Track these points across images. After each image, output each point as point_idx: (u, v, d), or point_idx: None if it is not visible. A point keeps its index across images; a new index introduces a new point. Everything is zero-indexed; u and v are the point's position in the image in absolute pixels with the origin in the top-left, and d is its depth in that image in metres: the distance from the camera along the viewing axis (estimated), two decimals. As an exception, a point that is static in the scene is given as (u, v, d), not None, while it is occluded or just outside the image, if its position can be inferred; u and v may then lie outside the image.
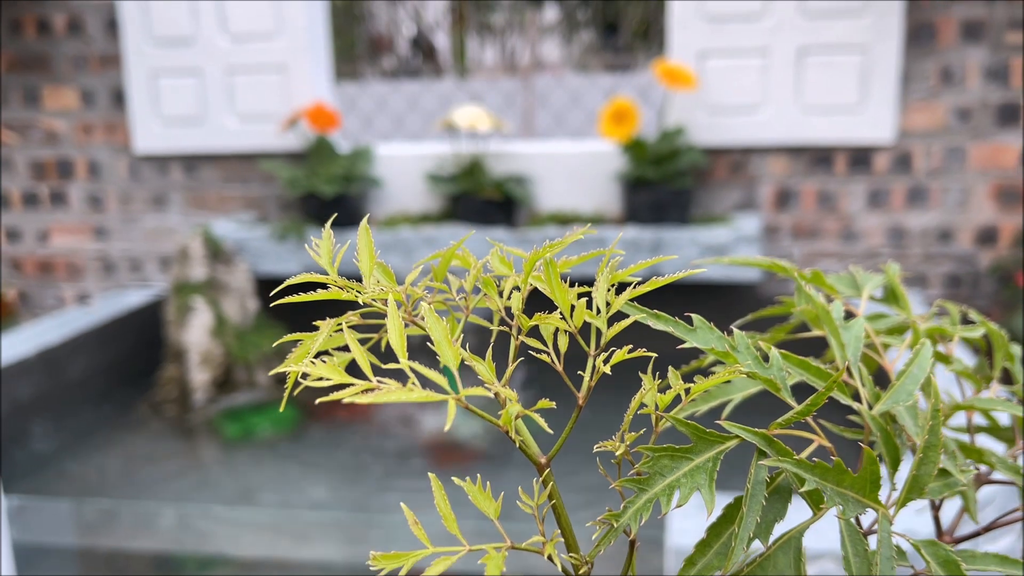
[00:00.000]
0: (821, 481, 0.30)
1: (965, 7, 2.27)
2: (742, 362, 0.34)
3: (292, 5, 2.50)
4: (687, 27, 2.38)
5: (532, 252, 0.33)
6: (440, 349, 0.30)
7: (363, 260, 0.35)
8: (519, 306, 0.33)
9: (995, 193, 2.37)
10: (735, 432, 0.31)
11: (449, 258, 0.35)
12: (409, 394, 0.27)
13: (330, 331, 0.33)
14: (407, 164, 2.58)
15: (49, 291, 2.88)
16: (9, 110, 2.76)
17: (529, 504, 0.30)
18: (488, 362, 0.30)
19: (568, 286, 0.34)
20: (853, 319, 0.41)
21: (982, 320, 0.50)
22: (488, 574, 0.26)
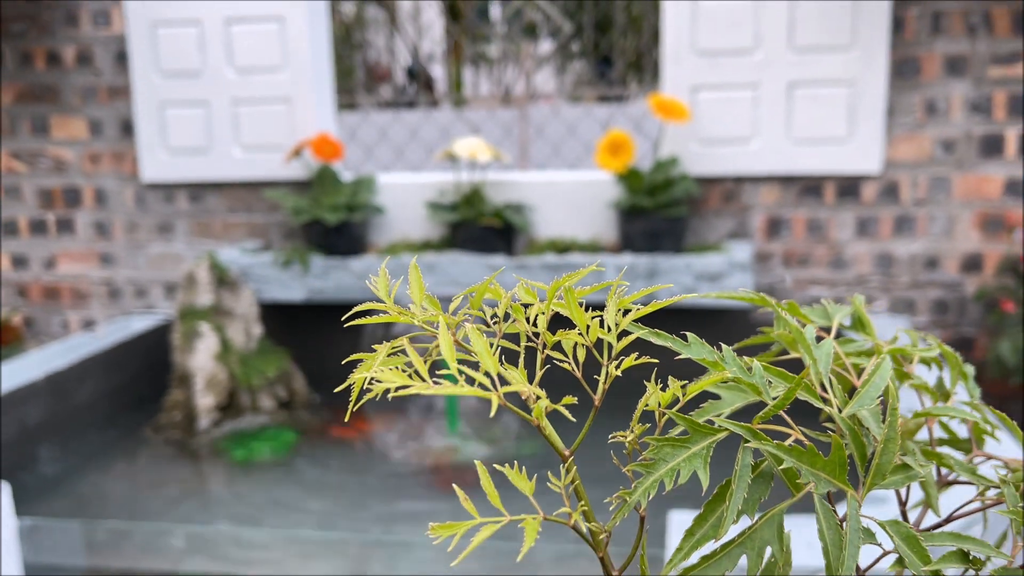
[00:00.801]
0: (797, 461, 0.36)
1: (948, 43, 2.36)
2: (729, 370, 0.40)
3: (297, 39, 2.58)
4: (680, 62, 2.46)
5: (553, 283, 0.40)
6: (482, 359, 0.35)
7: (414, 291, 0.41)
8: (544, 325, 0.39)
9: (979, 222, 2.44)
10: (725, 426, 0.37)
11: (484, 290, 0.41)
12: (461, 390, 0.33)
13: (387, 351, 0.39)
14: (408, 192, 2.65)
15: (55, 317, 2.93)
16: (18, 140, 2.82)
17: (557, 485, 0.36)
18: (521, 370, 0.36)
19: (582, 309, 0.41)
20: (823, 340, 0.47)
21: (938, 342, 0.56)
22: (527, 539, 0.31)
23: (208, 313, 2.43)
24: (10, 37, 2.77)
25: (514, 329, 0.42)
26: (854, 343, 0.53)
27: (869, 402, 0.42)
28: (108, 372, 2.50)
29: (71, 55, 2.74)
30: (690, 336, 0.40)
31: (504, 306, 0.40)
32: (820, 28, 2.36)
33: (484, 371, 0.35)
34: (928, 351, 0.53)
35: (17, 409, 2.19)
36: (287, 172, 2.66)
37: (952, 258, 2.47)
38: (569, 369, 0.39)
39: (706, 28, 2.43)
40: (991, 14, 2.32)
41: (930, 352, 0.53)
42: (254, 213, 2.74)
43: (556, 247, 2.52)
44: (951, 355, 0.54)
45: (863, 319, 0.55)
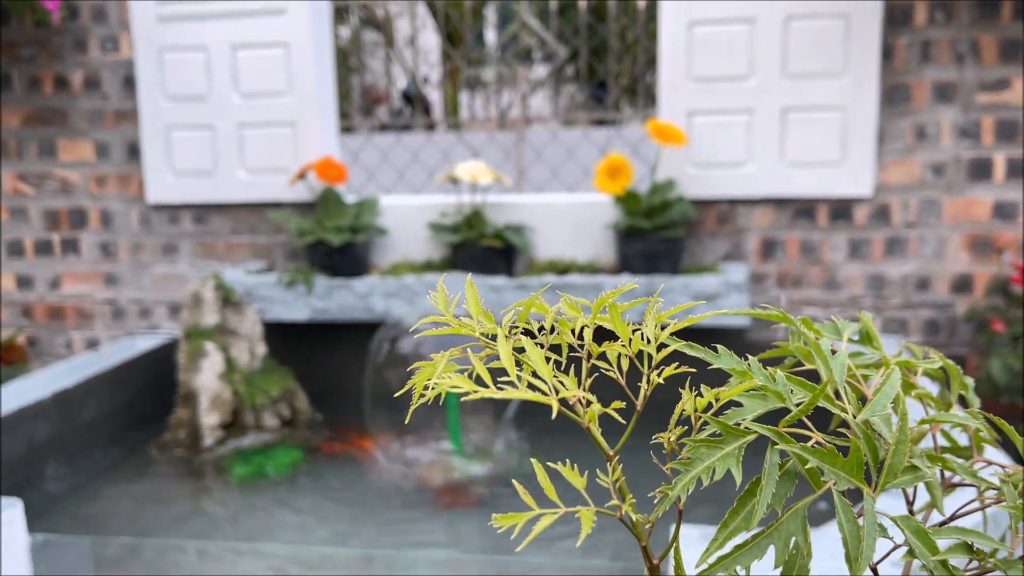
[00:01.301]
0: (820, 461, 0.40)
1: (937, 70, 2.43)
2: (757, 379, 0.44)
3: (302, 65, 2.64)
4: (677, 88, 2.52)
5: (598, 299, 0.44)
6: (538, 368, 0.40)
7: (471, 306, 0.46)
8: (589, 337, 0.44)
9: (969, 244, 2.50)
10: (754, 428, 0.42)
11: (530, 305, 0.46)
12: (523, 394, 0.37)
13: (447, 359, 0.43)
14: (410, 214, 2.70)
15: (59, 337, 2.95)
16: (25, 163, 2.86)
17: (606, 481, 0.40)
18: (571, 377, 0.40)
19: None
20: (837, 352, 0.52)
21: (940, 356, 0.61)
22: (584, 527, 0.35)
23: (213, 332, 2.46)
24: (19, 62, 2.81)
25: (558, 340, 0.46)
26: (863, 356, 0.58)
27: (881, 409, 0.46)
28: (113, 391, 2.53)
29: (79, 79, 2.79)
30: (720, 348, 0.45)
31: (550, 320, 0.45)
32: (812, 56, 2.43)
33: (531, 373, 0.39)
34: (931, 363, 0.57)
35: (25, 427, 2.22)
36: (291, 194, 2.71)
37: (943, 279, 2.53)
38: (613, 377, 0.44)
39: (702, 56, 2.49)
40: (978, 42, 2.39)
41: (933, 365, 0.57)
42: (258, 234, 2.78)
43: (556, 268, 2.57)
44: (952, 368, 0.59)
45: (871, 334, 0.60)
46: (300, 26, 2.62)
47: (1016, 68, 2.39)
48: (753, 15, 2.45)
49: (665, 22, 2.51)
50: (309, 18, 2.61)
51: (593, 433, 0.40)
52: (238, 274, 2.62)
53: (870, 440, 0.46)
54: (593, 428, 0.40)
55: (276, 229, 2.77)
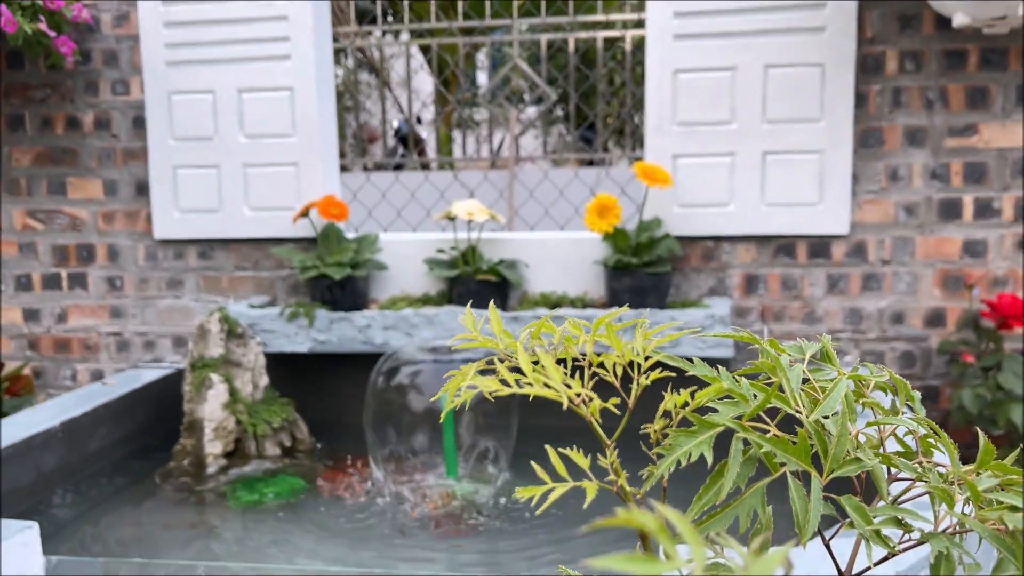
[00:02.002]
0: (773, 447, 0.51)
1: (908, 116, 2.57)
2: (724, 382, 0.55)
3: (306, 108, 2.76)
4: (662, 132, 2.66)
5: (596, 320, 0.55)
6: (550, 372, 0.50)
7: (495, 327, 0.56)
8: (591, 349, 0.54)
9: (941, 280, 2.63)
10: (722, 422, 0.52)
11: (541, 326, 0.56)
12: (543, 391, 0.48)
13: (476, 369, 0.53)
14: (408, 250, 2.81)
15: (64, 369, 3.03)
16: (35, 200, 2.96)
17: (605, 463, 0.50)
18: (576, 380, 0.51)
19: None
20: (795, 365, 0.63)
21: (889, 372, 0.72)
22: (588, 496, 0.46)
23: (218, 364, 2.55)
24: (32, 103, 2.93)
25: (564, 355, 0.57)
26: (823, 372, 0.68)
27: (829, 410, 0.57)
28: (119, 421, 2.61)
29: (90, 120, 2.90)
30: (695, 359, 0.56)
31: (558, 337, 0.56)
32: (790, 103, 2.57)
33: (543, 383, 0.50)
34: (880, 376, 0.68)
35: (35, 455, 2.29)
36: (293, 231, 2.82)
37: (917, 314, 2.65)
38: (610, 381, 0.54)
39: (686, 101, 2.63)
40: (946, 90, 2.54)
41: (882, 377, 0.68)
42: (260, 269, 2.89)
43: (548, 302, 2.68)
44: (900, 381, 0.69)
45: (829, 354, 0.70)
46: (305, 71, 2.74)
47: (982, 115, 2.53)
48: (734, 63, 2.59)
49: (651, 69, 2.65)
50: (313, 63, 2.74)
51: (594, 425, 0.51)
52: (242, 308, 2.71)
53: (820, 436, 0.56)
54: (594, 421, 0.50)
55: (278, 264, 2.88)
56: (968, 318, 2.61)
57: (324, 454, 2.68)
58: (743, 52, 2.58)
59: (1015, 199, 2.56)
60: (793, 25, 2.54)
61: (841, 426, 0.55)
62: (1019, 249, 2.58)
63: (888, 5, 2.53)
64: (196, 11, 2.78)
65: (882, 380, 0.70)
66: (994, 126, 2.53)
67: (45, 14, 2.55)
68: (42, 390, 3.01)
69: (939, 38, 2.52)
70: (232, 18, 2.76)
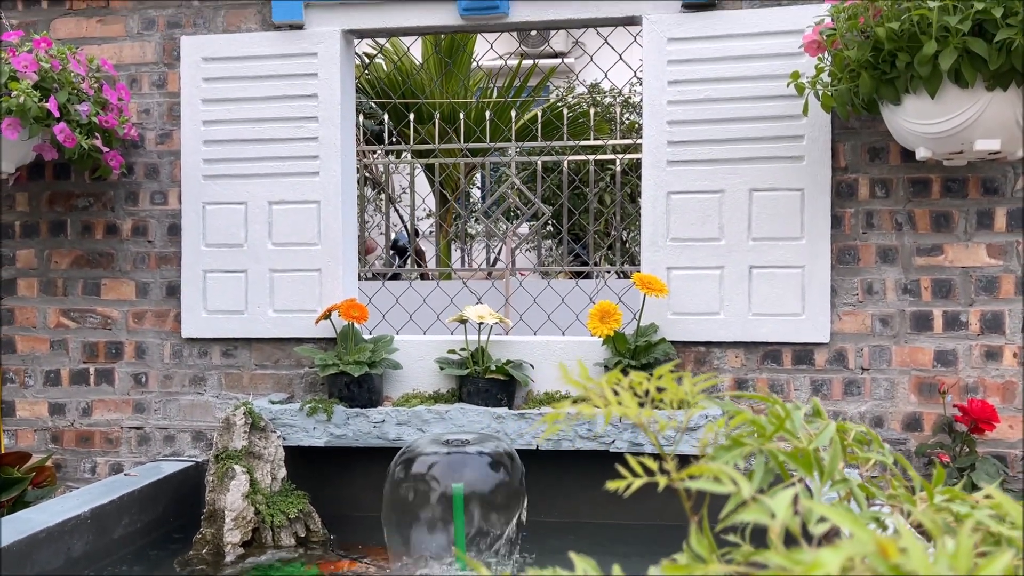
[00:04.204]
0: (787, 459, 0.70)
1: (880, 236, 2.84)
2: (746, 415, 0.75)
3: (331, 219, 3.00)
4: (657, 246, 2.91)
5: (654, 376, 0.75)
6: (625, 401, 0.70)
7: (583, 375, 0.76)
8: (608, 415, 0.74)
9: (916, 387, 2.84)
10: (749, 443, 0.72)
11: (614, 375, 0.76)
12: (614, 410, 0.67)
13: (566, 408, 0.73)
14: (420, 350, 3.00)
15: (85, 461, 3.16)
16: (69, 300, 3.16)
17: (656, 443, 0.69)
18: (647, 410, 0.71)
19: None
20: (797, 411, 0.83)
21: (866, 428, 0.92)
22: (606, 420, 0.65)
23: (241, 455, 2.69)
24: (75, 210, 3.16)
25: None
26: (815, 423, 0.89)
27: (824, 441, 0.77)
28: (143, 510, 2.73)
29: (128, 227, 3.13)
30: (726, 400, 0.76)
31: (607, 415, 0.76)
32: (773, 223, 2.84)
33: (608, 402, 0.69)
34: (859, 426, 0.88)
35: (66, 540, 2.40)
36: (313, 331, 3.01)
37: (895, 418, 2.85)
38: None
39: (678, 220, 2.89)
40: (913, 214, 2.82)
41: (859, 428, 0.88)
42: (280, 368, 3.06)
43: (551, 401, 2.87)
44: (872, 433, 0.89)
45: (819, 411, 0.91)
46: (331, 186, 3.00)
47: (946, 236, 2.81)
48: (722, 187, 2.87)
49: (647, 190, 2.92)
50: (340, 179, 3.01)
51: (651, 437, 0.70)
52: (263, 403, 2.88)
53: (819, 460, 0.76)
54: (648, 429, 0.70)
55: (297, 363, 3.06)
56: (943, 422, 2.81)
57: (337, 545, 2.79)
58: (730, 177, 2.87)
59: (980, 313, 2.80)
60: (775, 154, 2.84)
61: (833, 450, 0.74)
62: (986, 359, 2.80)
63: (859, 139, 2.84)
64: (234, 131, 3.05)
65: (860, 430, 0.90)
66: (958, 247, 2.80)
67: (100, 131, 2.81)
68: (61, 483, 3.12)
69: (905, 168, 2.82)
70: (267, 138, 3.03)
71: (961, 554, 0.40)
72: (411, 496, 2.51)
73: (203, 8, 3.10)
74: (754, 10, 2.85)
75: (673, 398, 0.74)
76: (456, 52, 7.56)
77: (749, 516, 0.55)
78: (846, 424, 0.88)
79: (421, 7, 3.01)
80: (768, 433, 0.73)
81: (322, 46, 3.02)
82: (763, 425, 0.74)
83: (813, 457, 0.74)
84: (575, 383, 0.77)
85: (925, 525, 0.68)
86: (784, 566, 0.45)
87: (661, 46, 2.89)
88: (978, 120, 2.34)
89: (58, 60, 2.72)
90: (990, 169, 2.78)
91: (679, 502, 0.79)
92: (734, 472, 0.50)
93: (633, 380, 0.76)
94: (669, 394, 0.74)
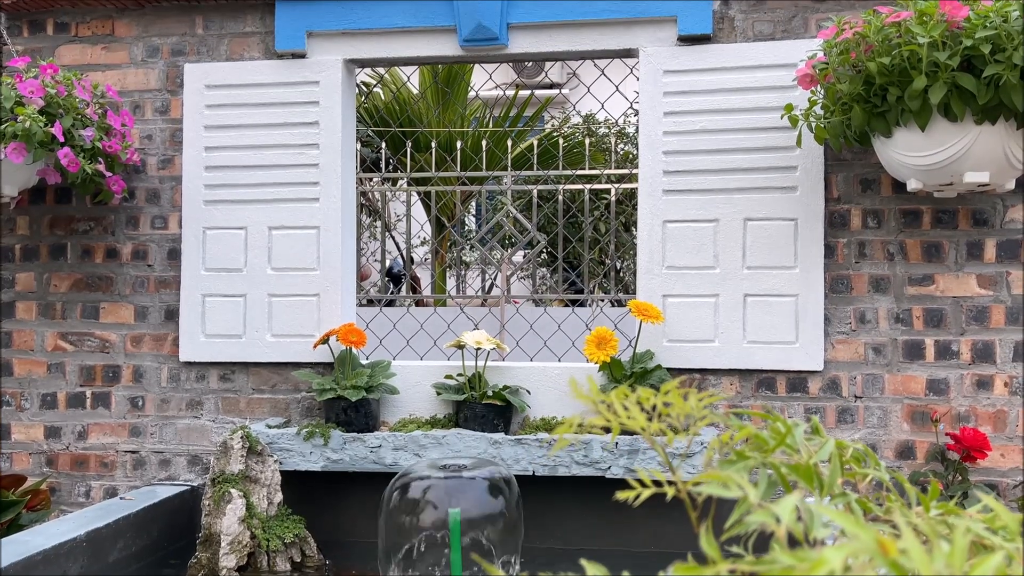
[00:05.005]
0: (789, 472, 0.73)
1: (872, 266, 2.88)
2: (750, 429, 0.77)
3: (330, 245, 3.03)
4: (652, 274, 2.95)
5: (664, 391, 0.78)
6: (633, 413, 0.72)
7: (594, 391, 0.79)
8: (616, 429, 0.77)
9: (909, 415, 2.87)
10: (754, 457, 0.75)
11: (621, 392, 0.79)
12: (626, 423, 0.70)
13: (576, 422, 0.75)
14: (417, 375, 3.02)
15: (79, 485, 3.15)
16: (68, 323, 3.17)
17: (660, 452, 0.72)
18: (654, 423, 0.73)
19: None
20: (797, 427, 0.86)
21: (863, 445, 0.95)
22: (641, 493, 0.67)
23: (238, 479, 2.70)
24: (75, 234, 3.18)
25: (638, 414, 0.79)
26: (814, 440, 0.91)
27: (823, 456, 0.79)
28: (137, 534, 2.72)
29: (127, 251, 3.15)
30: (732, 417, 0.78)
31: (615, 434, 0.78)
32: (768, 252, 2.88)
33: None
34: (857, 444, 0.91)
35: (62, 563, 2.40)
36: (310, 355, 3.03)
37: (889, 446, 2.87)
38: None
39: (674, 249, 2.93)
40: (905, 244, 2.87)
41: (857, 445, 0.91)
42: (277, 392, 3.08)
43: (547, 426, 2.88)
44: (868, 450, 0.92)
45: (818, 429, 0.93)
46: (332, 212, 3.04)
47: (937, 267, 2.85)
48: (717, 216, 2.91)
49: (643, 219, 2.96)
50: (340, 205, 3.04)
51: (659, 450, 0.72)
52: (260, 427, 2.89)
53: (818, 472, 0.78)
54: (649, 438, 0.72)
55: (294, 388, 3.07)
56: (936, 451, 2.83)
57: (331, 570, 2.79)
58: (725, 206, 2.91)
59: (971, 342, 2.84)
60: (769, 185, 2.89)
61: (832, 464, 0.77)
62: (978, 388, 2.83)
63: (851, 170, 2.89)
64: (235, 157, 3.09)
65: (858, 447, 0.93)
66: (948, 277, 2.85)
67: (103, 156, 2.84)
68: (56, 506, 3.11)
69: (896, 199, 2.87)
70: (268, 164, 3.07)
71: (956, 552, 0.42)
72: (407, 521, 2.51)
73: (207, 36, 3.15)
74: (748, 44, 2.91)
75: (680, 412, 0.77)
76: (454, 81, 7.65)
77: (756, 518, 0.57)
78: (843, 442, 0.91)
79: (422, 38, 3.07)
80: (770, 447, 0.75)
81: (324, 75, 3.07)
82: (765, 440, 0.77)
83: (814, 471, 0.77)
84: (585, 398, 0.79)
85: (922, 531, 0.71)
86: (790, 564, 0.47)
87: (657, 78, 2.94)
88: (967, 153, 2.40)
89: (64, 86, 2.75)
90: (979, 201, 2.83)
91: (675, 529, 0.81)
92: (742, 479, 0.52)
93: (641, 396, 0.78)
94: (675, 409, 0.77)
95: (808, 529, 0.66)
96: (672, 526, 2.81)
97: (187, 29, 3.16)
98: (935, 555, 0.42)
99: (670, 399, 0.76)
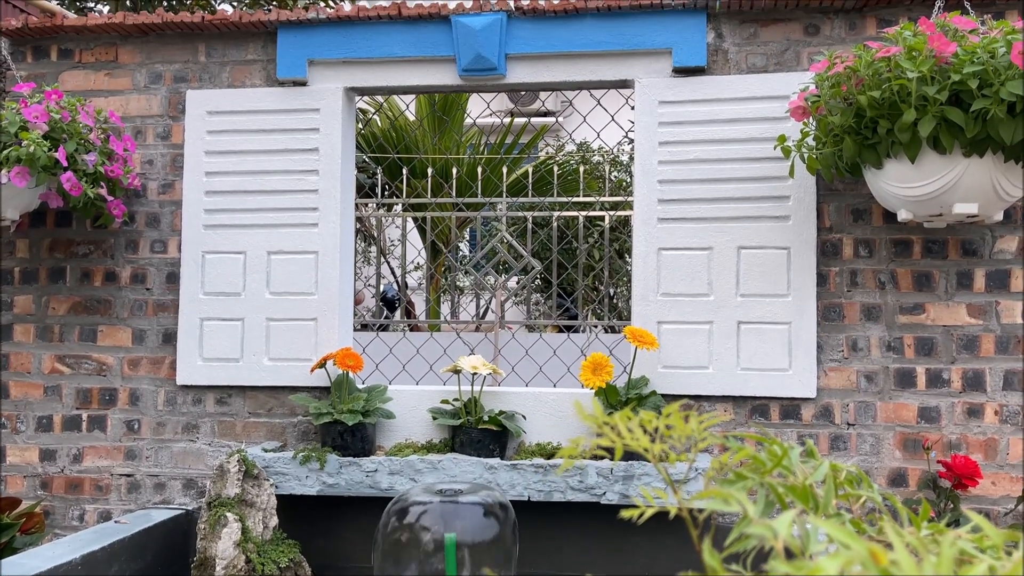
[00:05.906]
0: (786, 492, 0.76)
1: (864, 295, 2.92)
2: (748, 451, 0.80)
3: (328, 270, 3.06)
4: (647, 301, 2.98)
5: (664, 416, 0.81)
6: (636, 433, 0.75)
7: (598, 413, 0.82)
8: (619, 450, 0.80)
9: (901, 443, 2.89)
10: (753, 477, 0.77)
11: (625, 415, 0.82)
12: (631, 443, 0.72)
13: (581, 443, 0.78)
14: (413, 400, 3.04)
15: (73, 508, 3.15)
16: (65, 346, 3.18)
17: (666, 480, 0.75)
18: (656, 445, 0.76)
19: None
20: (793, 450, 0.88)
21: (856, 468, 0.98)
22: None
23: (234, 503, 2.70)
24: (75, 257, 3.20)
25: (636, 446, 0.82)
26: (809, 462, 0.94)
27: (819, 477, 0.82)
28: (132, 558, 2.72)
29: (126, 275, 3.18)
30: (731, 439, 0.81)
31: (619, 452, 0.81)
32: (761, 280, 2.92)
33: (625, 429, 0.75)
34: (851, 467, 0.94)
35: (57, 585, 2.40)
36: (307, 379, 3.04)
37: (882, 473, 2.90)
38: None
39: (668, 276, 2.97)
40: (896, 274, 2.91)
41: (851, 468, 0.94)
42: (273, 416, 3.09)
43: (543, 452, 2.90)
44: (861, 472, 0.95)
45: (813, 452, 0.96)
46: (330, 237, 3.07)
47: (928, 296, 2.89)
48: (711, 244, 2.96)
49: (638, 247, 3.00)
50: (338, 231, 3.07)
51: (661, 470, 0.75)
52: (256, 451, 2.90)
53: (814, 493, 0.81)
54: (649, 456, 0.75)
55: (290, 412, 3.08)
56: (927, 478, 2.86)
57: (327, 595, 2.79)
58: (719, 235, 2.95)
59: (962, 371, 2.87)
60: (762, 214, 2.93)
61: (827, 486, 0.80)
62: (969, 416, 2.87)
63: (843, 200, 2.94)
64: (235, 183, 3.12)
65: (852, 469, 0.95)
66: (939, 306, 2.89)
67: (105, 180, 2.87)
68: (50, 530, 3.11)
69: (887, 229, 2.92)
70: (268, 189, 3.11)
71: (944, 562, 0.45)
72: (403, 545, 2.52)
73: (209, 64, 3.20)
74: (742, 76, 2.97)
75: (681, 434, 0.79)
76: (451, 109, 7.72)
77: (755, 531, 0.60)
78: (838, 464, 0.94)
79: (422, 67, 3.12)
80: (767, 469, 0.78)
81: (324, 102, 3.12)
82: (763, 461, 0.80)
83: (810, 491, 0.79)
84: (590, 419, 0.82)
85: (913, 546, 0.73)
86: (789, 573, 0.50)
87: (653, 108, 3.00)
88: (956, 184, 2.44)
89: (68, 111, 2.79)
90: (969, 232, 2.88)
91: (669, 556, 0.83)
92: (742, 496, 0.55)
93: (643, 418, 0.81)
94: (677, 431, 0.80)
95: (805, 545, 0.68)
96: (666, 553, 2.82)
97: (190, 56, 3.21)
98: (924, 564, 0.45)
99: (672, 421, 0.79)
